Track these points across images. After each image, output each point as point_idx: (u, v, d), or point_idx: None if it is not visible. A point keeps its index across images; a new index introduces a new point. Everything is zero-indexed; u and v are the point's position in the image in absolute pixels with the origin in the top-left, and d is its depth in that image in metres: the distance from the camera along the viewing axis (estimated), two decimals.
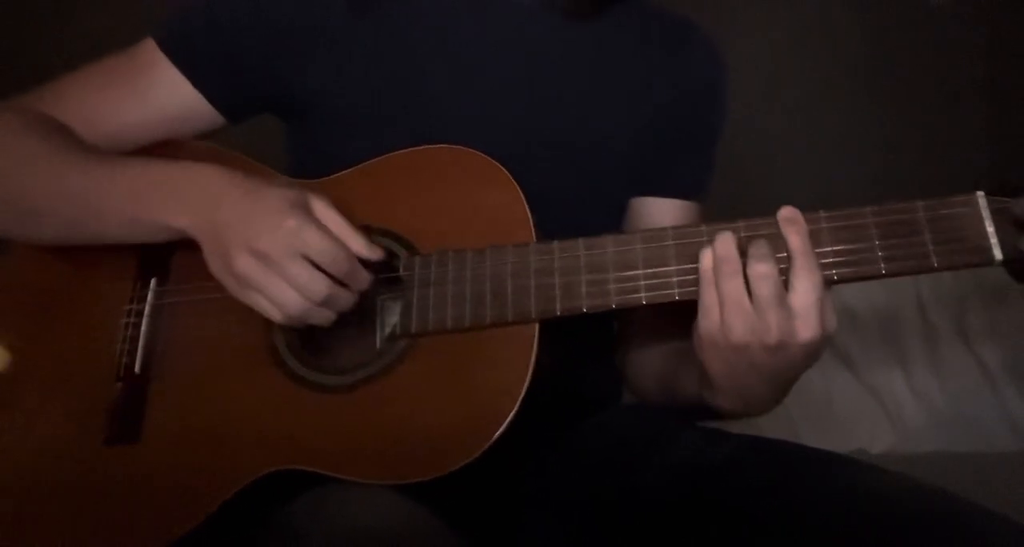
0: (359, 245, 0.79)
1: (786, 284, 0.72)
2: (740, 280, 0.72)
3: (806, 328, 0.71)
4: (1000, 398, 1.67)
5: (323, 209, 0.79)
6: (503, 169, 0.82)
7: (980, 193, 0.72)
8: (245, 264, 0.76)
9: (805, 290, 0.71)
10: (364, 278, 0.79)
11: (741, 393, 0.78)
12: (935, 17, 1.96)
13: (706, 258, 0.73)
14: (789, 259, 0.72)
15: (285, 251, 0.75)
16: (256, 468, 0.79)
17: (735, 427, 0.88)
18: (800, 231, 0.73)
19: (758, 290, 0.71)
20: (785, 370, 0.75)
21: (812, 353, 0.73)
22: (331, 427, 0.79)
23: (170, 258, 0.88)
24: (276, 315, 0.78)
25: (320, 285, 0.76)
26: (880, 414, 1.68)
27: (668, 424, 0.90)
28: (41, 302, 0.93)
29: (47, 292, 0.94)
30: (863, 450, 1.63)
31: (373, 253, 0.79)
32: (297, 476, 0.77)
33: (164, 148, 0.94)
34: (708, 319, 0.73)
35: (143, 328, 0.87)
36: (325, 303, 0.77)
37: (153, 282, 0.89)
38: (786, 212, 0.74)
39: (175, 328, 0.87)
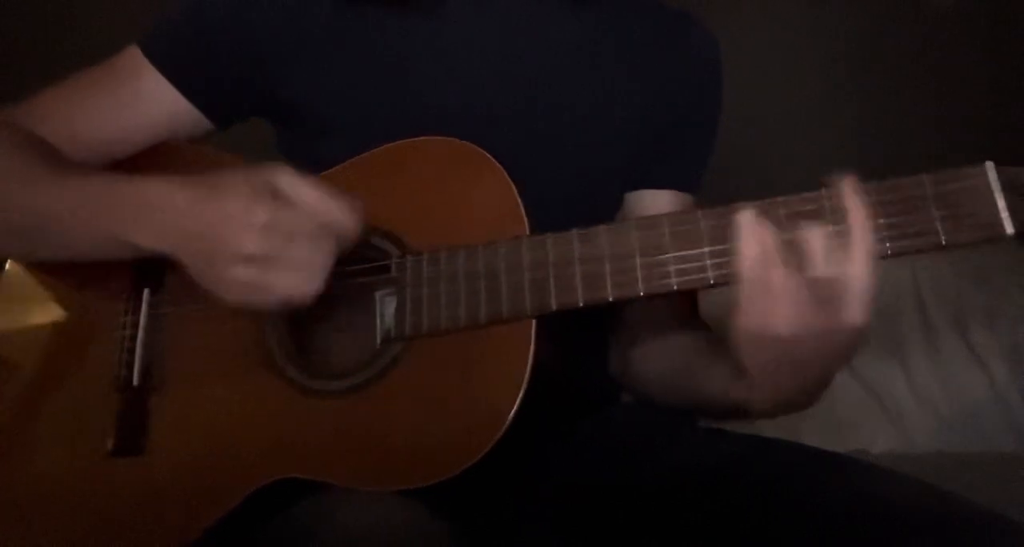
0: (337, 205, 0.75)
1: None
2: (784, 268, 0.67)
3: (856, 311, 0.67)
4: (1000, 397, 1.67)
5: (291, 183, 0.75)
6: (493, 160, 0.80)
7: (990, 163, 0.69)
8: (243, 273, 0.73)
9: (862, 269, 0.66)
10: (354, 221, 0.75)
11: (777, 392, 0.75)
12: (935, 13, 1.96)
13: (749, 247, 0.68)
14: (850, 232, 0.67)
15: (274, 244, 0.72)
16: (257, 478, 0.78)
17: (735, 426, 0.88)
18: (860, 205, 0.68)
19: (819, 286, 0.66)
20: (828, 363, 0.72)
21: (856, 340, 0.69)
22: (330, 434, 0.78)
23: (163, 268, 0.87)
24: (298, 300, 0.74)
25: (320, 254, 0.73)
26: (880, 414, 1.68)
27: (669, 423, 0.90)
28: (38, 316, 0.93)
29: (44, 306, 0.93)
30: (863, 450, 1.63)
31: (356, 206, 0.75)
32: (299, 483, 0.76)
33: (156, 149, 0.93)
34: (753, 313, 0.69)
35: (139, 339, 0.86)
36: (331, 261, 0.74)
37: (146, 293, 0.88)
38: (854, 183, 0.69)
39: (171, 338, 0.87)
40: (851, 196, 0.69)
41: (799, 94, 2.03)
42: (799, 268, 0.67)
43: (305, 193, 0.75)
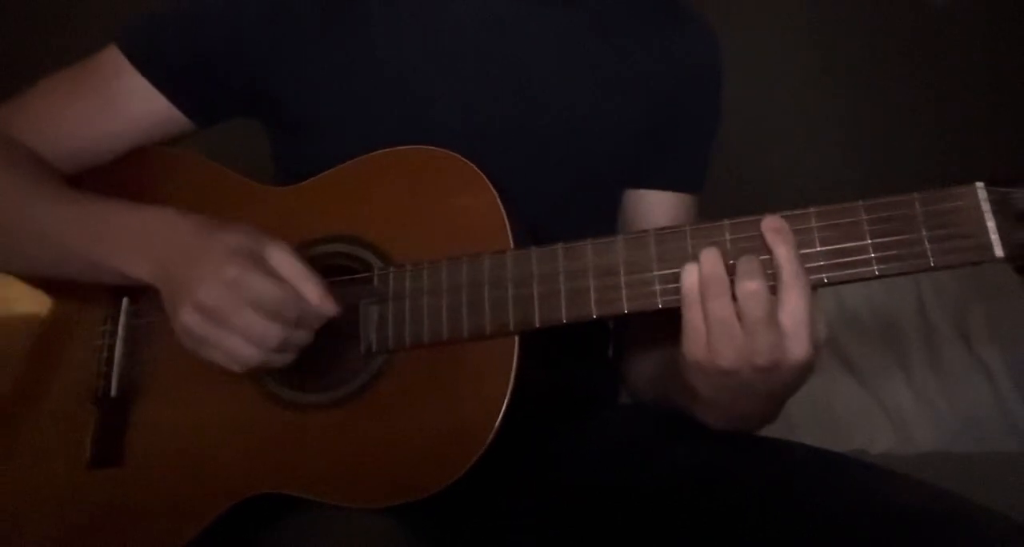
0: (313, 293, 0.75)
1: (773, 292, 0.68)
2: (728, 300, 0.67)
3: (798, 347, 0.68)
4: (1001, 399, 1.67)
5: (278, 253, 0.76)
6: (479, 172, 0.79)
7: (979, 184, 0.67)
8: (190, 320, 0.74)
9: (795, 307, 0.67)
10: (318, 317, 0.76)
11: (731, 413, 0.76)
12: (935, 13, 1.96)
13: (690, 276, 0.69)
14: (776, 271, 0.68)
15: (229, 302, 0.73)
16: (236, 493, 0.78)
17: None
18: (787, 241, 0.68)
19: (748, 310, 0.67)
20: (777, 390, 0.72)
21: (804, 370, 0.70)
22: (309, 449, 0.78)
23: None
24: (234, 367, 0.75)
25: (273, 332, 0.73)
26: (880, 414, 1.68)
27: (668, 424, 0.89)
28: (18, 324, 0.92)
29: (23, 314, 0.92)
30: (863, 450, 1.62)
31: (326, 304, 0.75)
32: (279, 498, 0.76)
33: (140, 156, 0.93)
34: (694, 342, 0.69)
35: (118, 350, 0.86)
36: (282, 348, 0.75)
37: (125, 302, 0.87)
38: (770, 222, 0.69)
39: (151, 348, 0.86)
40: (772, 236, 0.69)
41: (798, 94, 2.03)
42: (742, 307, 0.67)
43: (286, 269, 0.75)
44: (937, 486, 0.74)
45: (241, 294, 0.73)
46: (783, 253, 0.68)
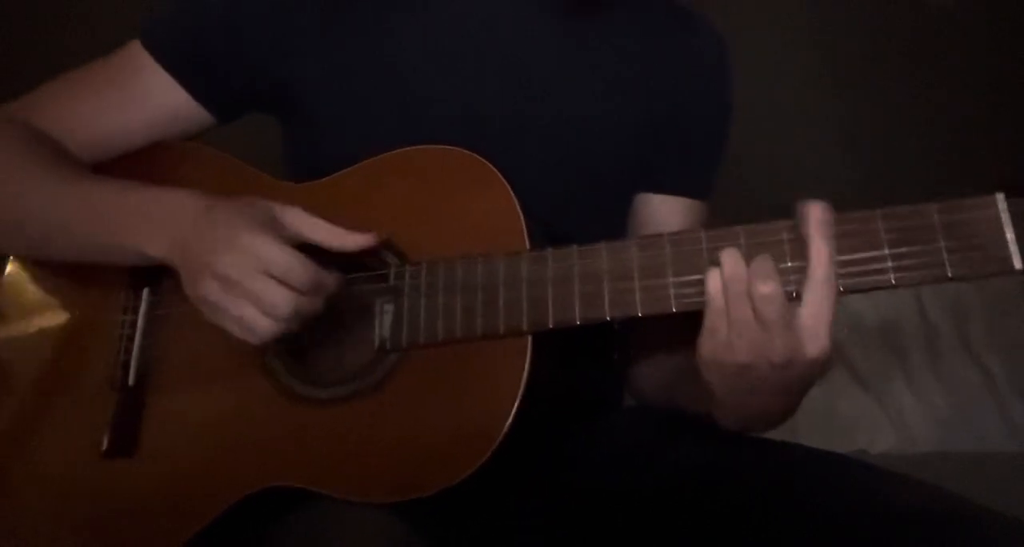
0: (331, 235, 0.77)
1: (796, 294, 0.68)
2: (747, 299, 0.68)
3: (814, 344, 0.67)
4: (1001, 401, 1.67)
5: (293, 216, 0.78)
6: (496, 171, 0.80)
7: (1000, 195, 0.67)
8: (207, 288, 0.75)
9: (819, 308, 0.67)
10: (329, 284, 0.77)
11: (747, 411, 0.76)
12: (937, 14, 1.95)
13: (713, 280, 0.69)
14: (808, 265, 0.67)
15: (244, 270, 0.74)
16: (246, 486, 0.78)
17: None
18: (828, 236, 0.67)
19: (763, 312, 0.67)
20: (792, 385, 0.72)
21: (819, 369, 0.70)
22: (322, 443, 0.78)
23: (163, 268, 0.86)
24: (250, 337, 0.76)
25: (283, 299, 0.74)
26: (881, 416, 1.68)
27: (672, 426, 0.90)
28: (40, 313, 0.93)
29: (45, 303, 0.93)
30: (863, 450, 1.63)
31: (348, 239, 0.78)
32: (289, 492, 0.77)
33: (156, 149, 0.93)
34: (713, 339, 0.70)
35: (137, 339, 0.86)
36: (293, 317, 0.76)
37: (146, 292, 0.88)
38: (819, 212, 0.68)
39: (169, 339, 0.87)
40: (816, 226, 0.68)
41: (798, 94, 2.03)
42: (758, 309, 0.68)
43: (302, 225, 0.77)
44: (937, 486, 0.74)
45: (254, 261, 0.74)
46: (822, 250, 0.67)
